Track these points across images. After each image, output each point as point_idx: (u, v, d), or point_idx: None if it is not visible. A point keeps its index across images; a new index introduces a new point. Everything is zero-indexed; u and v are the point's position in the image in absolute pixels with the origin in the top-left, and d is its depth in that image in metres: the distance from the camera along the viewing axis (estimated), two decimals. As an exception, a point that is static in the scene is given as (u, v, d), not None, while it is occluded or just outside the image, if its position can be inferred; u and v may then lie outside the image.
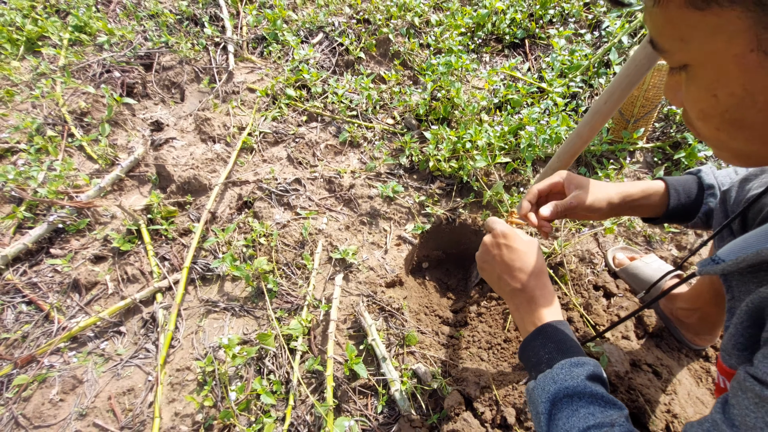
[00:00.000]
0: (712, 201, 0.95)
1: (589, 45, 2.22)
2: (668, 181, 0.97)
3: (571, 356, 0.74)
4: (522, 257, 0.86)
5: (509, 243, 0.88)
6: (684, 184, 0.97)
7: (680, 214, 0.97)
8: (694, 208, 0.96)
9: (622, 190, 0.94)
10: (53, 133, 2.01)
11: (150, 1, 2.60)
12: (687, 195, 0.96)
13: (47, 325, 1.57)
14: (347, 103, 2.12)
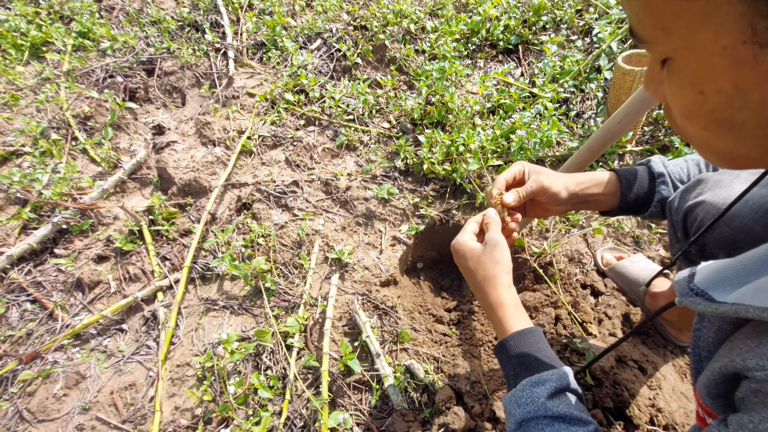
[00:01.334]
0: (664, 189, 0.96)
1: (580, 51, 2.27)
2: (619, 171, 0.98)
3: (532, 373, 0.74)
4: (471, 272, 0.87)
5: (460, 260, 0.90)
6: (635, 175, 0.97)
7: (634, 204, 0.97)
8: (648, 198, 0.97)
9: (575, 176, 0.96)
10: (57, 137, 2.06)
11: (152, 8, 2.67)
12: (639, 185, 0.96)
13: (51, 323, 1.61)
14: (344, 108, 2.17)
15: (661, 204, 0.96)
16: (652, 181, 0.97)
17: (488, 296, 0.84)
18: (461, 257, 0.89)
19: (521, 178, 0.96)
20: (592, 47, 2.30)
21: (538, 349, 0.78)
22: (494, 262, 0.85)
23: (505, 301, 0.83)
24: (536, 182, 0.91)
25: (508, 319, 0.82)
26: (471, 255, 0.88)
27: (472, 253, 0.88)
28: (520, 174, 0.96)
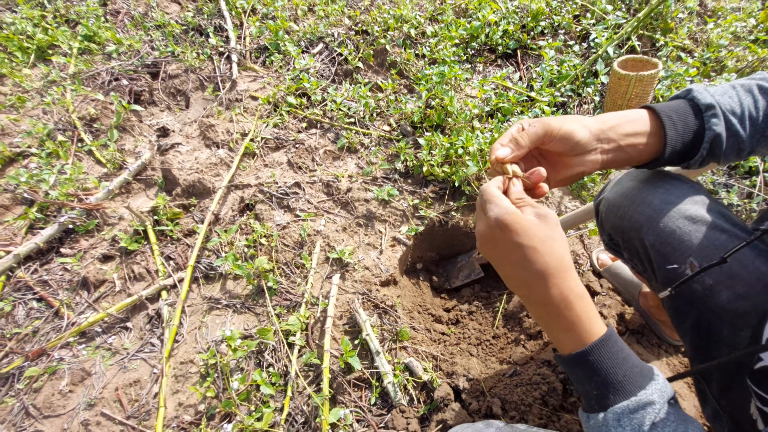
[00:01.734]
0: (717, 123, 0.73)
1: (578, 55, 2.31)
2: (654, 107, 0.75)
3: (627, 396, 0.59)
4: (532, 254, 0.61)
5: (510, 236, 0.61)
6: (675, 110, 0.75)
7: (682, 147, 0.75)
8: (697, 139, 0.74)
9: (596, 117, 0.75)
10: (64, 138, 2.10)
11: (157, 12, 2.71)
12: (683, 122, 0.74)
13: (57, 321, 1.64)
14: (345, 111, 2.21)
15: (712, 144, 0.74)
16: (698, 115, 0.74)
17: (564, 285, 0.61)
18: (519, 233, 0.61)
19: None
20: (589, 52, 2.33)
21: (625, 359, 0.61)
22: (564, 242, 0.63)
23: (583, 294, 0.63)
24: (539, 123, 0.70)
25: (585, 321, 0.62)
26: (537, 231, 0.61)
27: (536, 228, 0.61)
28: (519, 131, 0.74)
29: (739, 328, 0.87)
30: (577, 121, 0.71)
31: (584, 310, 0.62)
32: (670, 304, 1.00)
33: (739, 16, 2.41)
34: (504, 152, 0.69)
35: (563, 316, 0.62)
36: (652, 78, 1.67)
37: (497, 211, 0.62)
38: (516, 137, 0.69)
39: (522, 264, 0.61)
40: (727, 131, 0.74)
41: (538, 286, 0.61)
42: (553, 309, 0.62)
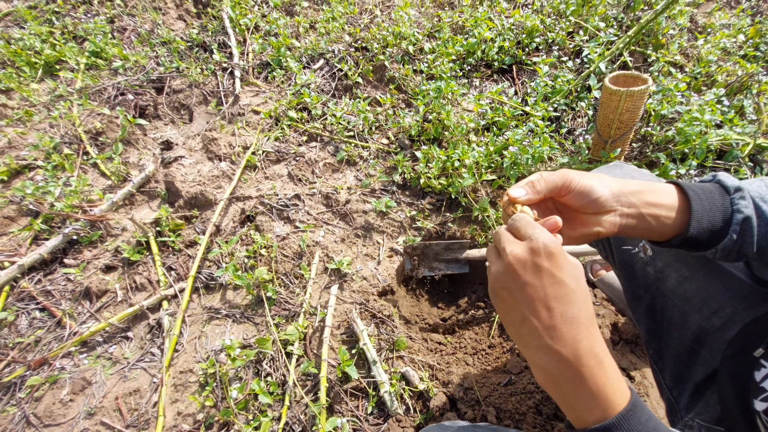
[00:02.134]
0: (746, 206, 0.66)
1: (571, 71, 2.37)
2: (681, 183, 0.70)
3: None
4: (570, 296, 0.54)
5: (554, 270, 0.54)
6: (702, 188, 0.69)
7: (707, 227, 0.67)
8: (725, 221, 0.67)
9: (624, 180, 0.70)
10: (69, 151, 2.15)
11: (163, 29, 2.79)
12: (709, 201, 0.67)
13: (59, 330, 1.67)
14: (345, 125, 2.26)
15: (743, 228, 0.67)
16: (724, 196, 0.68)
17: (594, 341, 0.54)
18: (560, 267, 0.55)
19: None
20: (583, 67, 2.39)
21: (656, 428, 0.53)
22: (588, 297, 0.57)
23: (608, 354, 0.55)
24: (560, 172, 0.66)
25: (613, 385, 0.53)
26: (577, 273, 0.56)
27: (577, 270, 0.56)
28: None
29: (687, 313, 0.91)
30: (598, 178, 0.67)
31: (612, 371, 0.54)
32: (627, 288, 1.04)
33: (729, 33, 2.47)
34: (518, 192, 0.65)
35: (588, 377, 0.52)
36: (642, 93, 1.72)
37: (545, 237, 0.55)
38: (533, 182, 0.66)
39: (554, 304, 0.54)
40: (759, 218, 0.67)
41: (568, 334, 0.53)
42: (578, 367, 0.52)
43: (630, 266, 1.03)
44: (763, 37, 2.52)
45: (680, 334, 0.96)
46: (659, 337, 1.02)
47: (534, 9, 2.80)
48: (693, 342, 0.93)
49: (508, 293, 0.57)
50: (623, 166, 1.03)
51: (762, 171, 1.93)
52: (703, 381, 0.91)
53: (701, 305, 0.91)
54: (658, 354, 1.03)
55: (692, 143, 1.87)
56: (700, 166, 1.98)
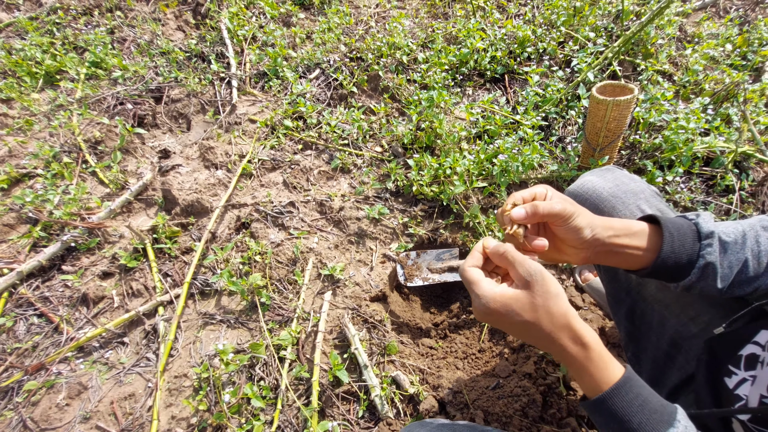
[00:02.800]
0: (710, 254, 0.75)
1: (562, 80, 2.41)
2: (660, 218, 0.78)
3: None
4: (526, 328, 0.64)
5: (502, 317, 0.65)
6: (679, 228, 0.77)
7: (672, 266, 0.76)
8: (688, 261, 0.76)
9: (605, 219, 0.77)
10: (69, 160, 2.19)
11: (162, 40, 2.84)
12: (681, 242, 0.75)
13: (56, 336, 1.70)
14: (339, 133, 2.30)
15: (703, 271, 0.75)
16: (695, 242, 0.76)
17: (566, 348, 0.63)
18: (506, 314, 0.64)
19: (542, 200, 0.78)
20: (573, 76, 2.44)
21: (642, 404, 0.61)
22: (556, 298, 0.64)
23: (590, 343, 0.64)
24: (561, 204, 0.73)
25: (599, 368, 0.63)
26: (522, 305, 0.64)
27: (519, 302, 0.64)
28: (541, 196, 0.77)
29: (666, 318, 0.95)
30: (588, 221, 0.75)
31: (592, 360, 0.63)
32: (609, 291, 1.07)
33: (716, 42, 2.52)
34: (519, 214, 0.72)
35: (576, 365, 0.64)
36: (629, 102, 1.76)
37: (482, 302, 0.65)
38: (537, 206, 0.72)
39: (528, 334, 0.65)
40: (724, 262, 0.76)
41: (550, 345, 0.64)
42: (566, 359, 0.65)
43: (613, 270, 1.06)
44: (751, 46, 2.57)
45: (658, 338, 0.99)
46: (637, 340, 1.05)
47: (526, 19, 2.86)
48: (670, 347, 0.96)
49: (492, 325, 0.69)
50: (614, 171, 1.06)
51: (748, 177, 1.97)
52: (679, 385, 0.94)
53: (679, 311, 0.94)
54: (635, 357, 1.06)
55: (678, 151, 1.91)
56: (687, 173, 2.02)
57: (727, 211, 1.88)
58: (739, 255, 0.77)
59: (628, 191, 0.99)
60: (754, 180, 1.97)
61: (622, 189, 1.00)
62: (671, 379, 0.96)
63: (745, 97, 2.20)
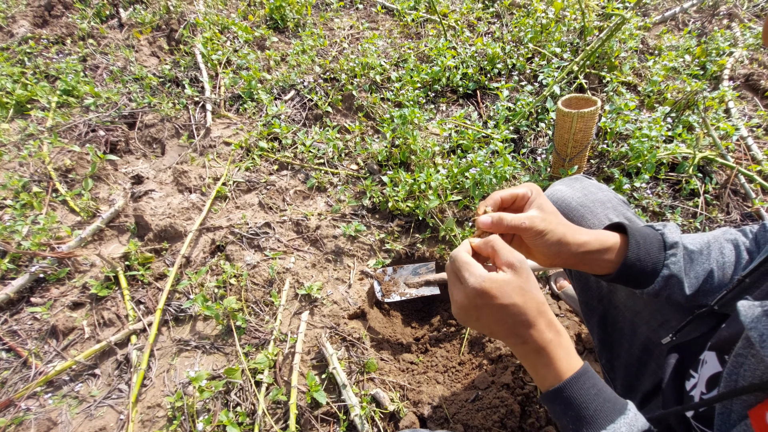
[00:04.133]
0: (674, 264, 0.78)
1: (531, 94, 2.48)
2: (627, 227, 0.80)
3: (597, 429, 0.63)
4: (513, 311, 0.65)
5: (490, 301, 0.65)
6: (645, 237, 0.80)
7: (636, 273, 0.79)
8: (652, 270, 0.79)
9: (577, 232, 0.78)
10: (39, 189, 2.15)
11: (135, 66, 2.84)
12: (646, 250, 0.78)
13: (25, 371, 1.64)
14: (315, 153, 2.31)
15: (667, 282, 0.79)
16: (660, 251, 0.79)
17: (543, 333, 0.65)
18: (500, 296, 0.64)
19: (521, 204, 0.79)
20: (541, 90, 2.51)
21: (597, 393, 0.64)
22: (536, 285, 0.67)
23: (561, 331, 0.67)
24: (530, 220, 0.74)
25: (563, 358, 0.65)
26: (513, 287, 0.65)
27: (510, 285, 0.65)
28: (523, 199, 0.78)
29: (636, 325, 0.96)
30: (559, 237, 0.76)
31: (562, 346, 0.65)
32: (582, 299, 1.09)
33: (676, 54, 2.63)
34: (485, 222, 0.75)
35: (543, 355, 0.65)
36: (593, 114, 1.81)
37: (472, 281, 0.65)
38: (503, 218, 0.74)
39: (506, 320, 0.65)
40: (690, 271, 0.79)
41: (523, 333, 0.65)
42: (536, 349, 0.65)
43: (585, 278, 1.07)
44: (709, 56, 2.68)
45: (630, 345, 1.00)
46: (611, 348, 1.06)
47: (495, 37, 2.95)
48: (642, 353, 0.98)
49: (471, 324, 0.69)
50: (582, 180, 1.08)
51: (711, 181, 2.03)
52: (651, 390, 0.95)
53: (649, 318, 0.96)
54: (609, 364, 1.06)
55: (644, 158, 1.97)
56: (654, 179, 2.07)
57: (693, 214, 1.94)
58: (705, 265, 0.80)
59: (596, 200, 1.01)
60: (717, 183, 2.03)
61: (591, 198, 1.02)
62: (644, 384, 0.96)
63: (705, 105, 2.29)
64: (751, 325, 0.51)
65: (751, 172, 2.00)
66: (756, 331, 0.50)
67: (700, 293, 0.81)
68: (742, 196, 2.00)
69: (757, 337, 0.49)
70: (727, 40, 2.73)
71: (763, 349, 0.48)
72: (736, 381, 0.56)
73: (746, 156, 2.14)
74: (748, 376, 0.54)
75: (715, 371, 0.66)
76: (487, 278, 0.65)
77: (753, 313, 0.51)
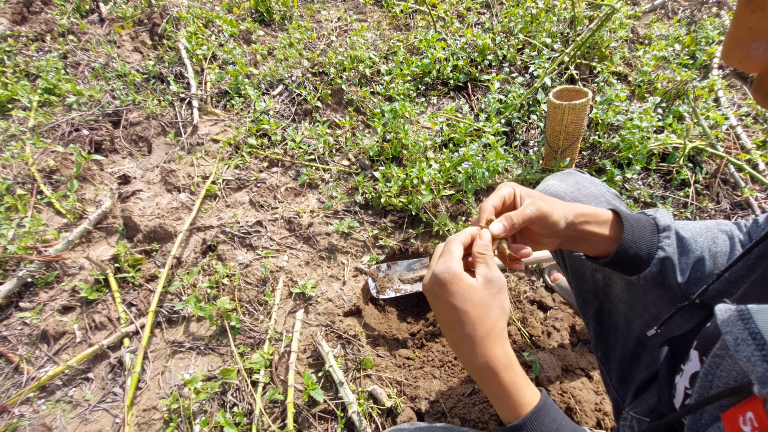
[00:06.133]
0: (668, 245, 0.78)
1: (522, 86, 2.47)
2: (621, 213, 0.79)
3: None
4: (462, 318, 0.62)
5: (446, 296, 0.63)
6: (638, 220, 0.80)
7: (633, 256, 0.79)
8: (649, 254, 0.79)
9: (575, 206, 0.78)
10: (23, 192, 2.10)
11: (118, 63, 2.78)
12: (640, 233, 0.78)
13: (17, 377, 1.61)
14: (305, 149, 2.29)
15: (662, 264, 0.79)
16: (654, 234, 0.80)
17: (492, 355, 0.62)
18: (453, 295, 0.63)
19: (512, 202, 0.77)
20: (532, 81, 2.50)
21: (559, 427, 0.63)
22: (502, 311, 0.65)
23: (513, 360, 0.64)
24: (534, 206, 0.73)
25: (517, 390, 0.63)
26: (472, 296, 0.62)
27: (472, 292, 0.63)
28: (510, 197, 0.77)
29: (631, 319, 0.98)
30: (561, 211, 0.75)
31: (510, 380, 0.62)
32: (577, 293, 1.10)
33: (666, 43, 2.63)
34: (499, 229, 0.71)
35: (490, 385, 0.63)
36: (584, 106, 1.81)
37: (439, 268, 0.64)
38: (512, 217, 0.72)
39: (452, 325, 0.63)
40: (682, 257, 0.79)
41: (466, 350, 0.63)
42: (480, 375, 0.63)
43: (581, 272, 1.08)
44: (698, 45, 2.69)
45: (624, 338, 1.01)
46: (606, 341, 1.07)
47: (485, 28, 2.92)
48: (636, 346, 0.99)
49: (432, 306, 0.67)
50: (575, 175, 1.08)
51: (702, 171, 2.05)
52: (645, 382, 0.96)
53: (643, 311, 0.97)
54: (605, 356, 1.08)
55: (635, 149, 1.98)
56: (645, 170, 2.08)
57: (684, 204, 1.95)
58: (696, 252, 0.81)
59: (589, 195, 1.02)
60: (707, 173, 2.05)
61: (584, 193, 1.02)
62: (638, 377, 0.98)
63: (695, 94, 2.30)
64: (726, 328, 0.51)
65: (741, 161, 2.02)
66: (731, 334, 0.50)
67: (691, 281, 0.81)
68: (731, 186, 2.02)
69: (732, 341, 0.49)
70: (716, 29, 2.74)
71: (737, 352, 0.48)
72: (711, 381, 0.56)
73: (735, 145, 2.16)
74: (724, 377, 0.54)
75: (695, 370, 0.66)
76: (454, 273, 0.63)
77: (728, 316, 0.51)
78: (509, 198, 0.77)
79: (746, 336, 0.47)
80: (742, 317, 0.49)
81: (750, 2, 0.36)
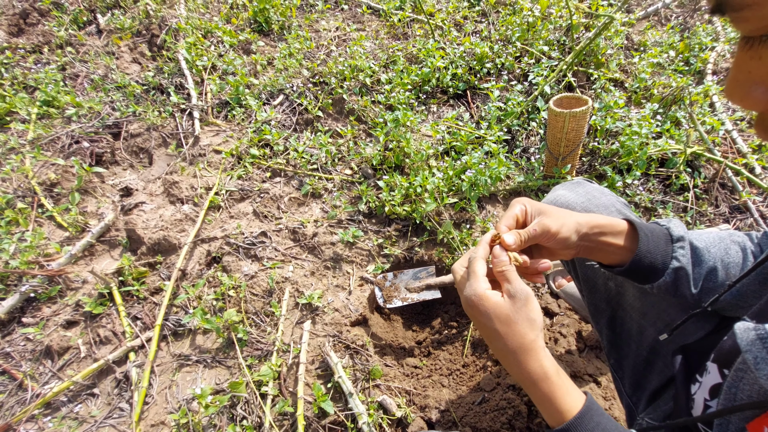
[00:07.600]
0: (682, 256, 0.79)
1: (521, 93, 2.50)
2: (636, 223, 0.81)
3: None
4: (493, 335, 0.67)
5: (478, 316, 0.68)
6: (652, 231, 0.81)
7: (647, 265, 0.79)
8: (663, 264, 0.79)
9: (590, 218, 0.79)
10: (23, 205, 2.09)
11: (117, 74, 2.78)
12: (655, 243, 0.80)
13: (21, 394, 1.59)
14: (308, 158, 2.29)
15: (676, 274, 0.80)
16: (668, 244, 0.81)
17: (527, 367, 0.65)
18: (483, 315, 0.67)
19: (524, 220, 0.80)
20: (532, 89, 2.53)
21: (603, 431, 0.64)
22: (530, 323, 0.67)
23: (549, 372, 0.66)
24: (540, 225, 0.75)
25: (559, 396, 0.65)
26: (498, 314, 0.67)
27: (498, 310, 0.67)
28: (522, 215, 0.79)
29: (644, 327, 0.99)
30: (573, 225, 0.76)
31: (547, 390, 0.65)
32: (590, 301, 1.11)
33: (660, 49, 2.68)
34: (511, 239, 0.74)
35: (531, 393, 0.67)
36: (584, 113, 1.83)
37: (468, 292, 0.69)
38: (520, 234, 0.75)
39: (490, 341, 0.69)
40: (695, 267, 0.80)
41: (505, 362, 0.68)
42: (522, 384, 0.68)
43: (593, 281, 1.09)
44: (692, 51, 2.74)
45: (638, 346, 1.02)
46: (619, 348, 1.08)
47: (483, 36, 2.95)
48: (649, 353, 1.00)
49: (480, 330, 0.71)
50: (584, 185, 1.09)
51: (700, 175, 2.08)
52: (659, 388, 0.97)
53: (656, 319, 0.98)
54: (618, 363, 1.08)
55: (634, 155, 2.00)
56: (645, 175, 2.11)
57: (684, 209, 1.98)
58: (709, 263, 0.82)
59: (599, 205, 1.03)
60: (705, 177, 2.08)
61: (594, 203, 1.03)
62: (652, 383, 0.98)
63: (691, 100, 2.33)
64: (746, 347, 0.53)
65: (738, 165, 2.05)
66: (751, 354, 0.52)
67: (704, 291, 0.82)
68: (729, 189, 2.05)
69: (752, 360, 0.52)
70: (709, 35, 2.79)
71: (758, 371, 0.51)
72: (735, 394, 0.58)
73: (732, 149, 2.19)
74: (747, 390, 0.56)
75: (715, 382, 0.68)
76: (479, 295, 0.68)
77: (748, 336, 0.53)
78: (522, 216, 0.79)
79: (765, 355, 0.50)
80: (761, 338, 0.52)
81: (749, 49, 0.38)
